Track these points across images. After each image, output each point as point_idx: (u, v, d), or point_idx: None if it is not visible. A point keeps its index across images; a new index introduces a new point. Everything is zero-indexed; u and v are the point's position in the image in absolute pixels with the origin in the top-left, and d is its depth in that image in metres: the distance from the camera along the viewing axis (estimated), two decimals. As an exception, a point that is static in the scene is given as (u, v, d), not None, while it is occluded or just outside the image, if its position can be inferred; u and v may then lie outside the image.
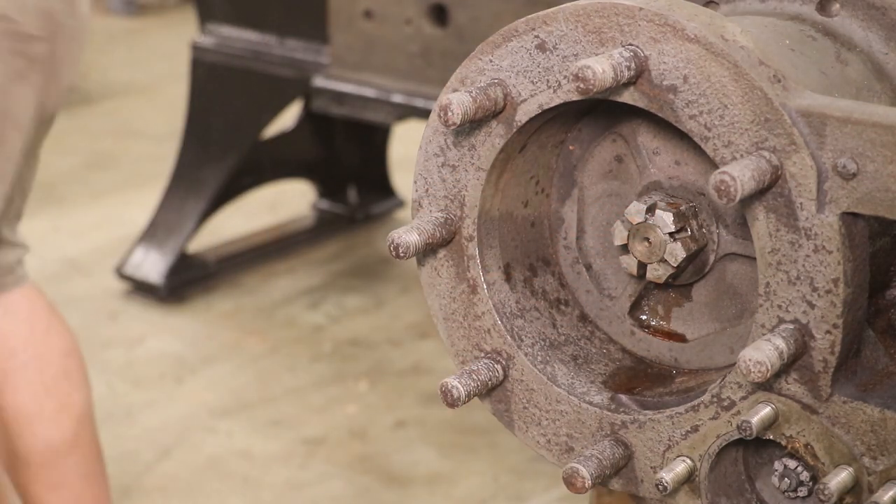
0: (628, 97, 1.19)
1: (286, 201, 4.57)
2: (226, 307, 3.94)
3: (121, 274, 3.99)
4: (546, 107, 1.23)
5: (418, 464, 3.18)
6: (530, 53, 1.22)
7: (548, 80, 1.22)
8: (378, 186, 4.53)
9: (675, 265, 1.27)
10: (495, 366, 1.30)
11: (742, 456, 1.27)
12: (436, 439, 3.27)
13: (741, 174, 1.10)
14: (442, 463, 3.18)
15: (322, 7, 3.62)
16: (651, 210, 1.26)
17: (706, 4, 1.37)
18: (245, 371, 3.60)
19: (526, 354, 1.30)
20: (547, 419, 1.32)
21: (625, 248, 1.27)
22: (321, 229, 4.42)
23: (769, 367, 1.14)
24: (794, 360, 1.18)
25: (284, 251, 4.28)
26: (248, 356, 3.68)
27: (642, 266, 1.29)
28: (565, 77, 1.21)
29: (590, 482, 1.26)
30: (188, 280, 4.01)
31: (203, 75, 4.01)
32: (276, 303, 3.97)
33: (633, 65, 1.17)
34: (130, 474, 3.15)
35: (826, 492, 1.17)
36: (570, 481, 1.26)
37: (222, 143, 4.04)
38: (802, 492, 1.23)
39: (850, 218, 1.13)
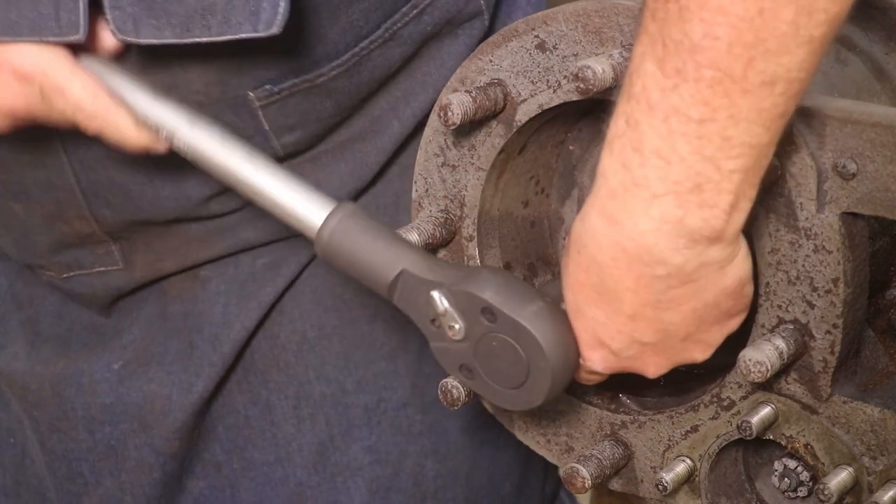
0: (628, 97, 1.19)
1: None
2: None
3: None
4: (546, 107, 1.23)
5: (418, 464, 3.18)
6: (530, 53, 1.22)
7: (548, 80, 1.22)
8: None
9: (675, 265, 1.27)
10: (495, 366, 1.30)
11: (742, 456, 1.27)
12: (436, 439, 3.26)
13: (741, 174, 1.10)
14: (442, 463, 3.18)
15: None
16: (651, 210, 1.25)
17: (706, 4, 1.37)
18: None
19: (526, 354, 1.30)
20: (547, 419, 1.32)
21: (625, 248, 1.27)
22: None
23: (769, 367, 1.14)
24: (794, 360, 1.18)
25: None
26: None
27: (642, 266, 1.29)
28: (565, 77, 1.21)
29: (590, 482, 1.26)
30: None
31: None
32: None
33: (633, 65, 1.17)
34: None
35: (826, 492, 1.17)
36: (569, 481, 1.26)
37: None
38: (802, 492, 1.24)
39: (850, 218, 1.13)
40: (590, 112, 1.30)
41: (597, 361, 1.17)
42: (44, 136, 1.37)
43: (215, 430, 1.50)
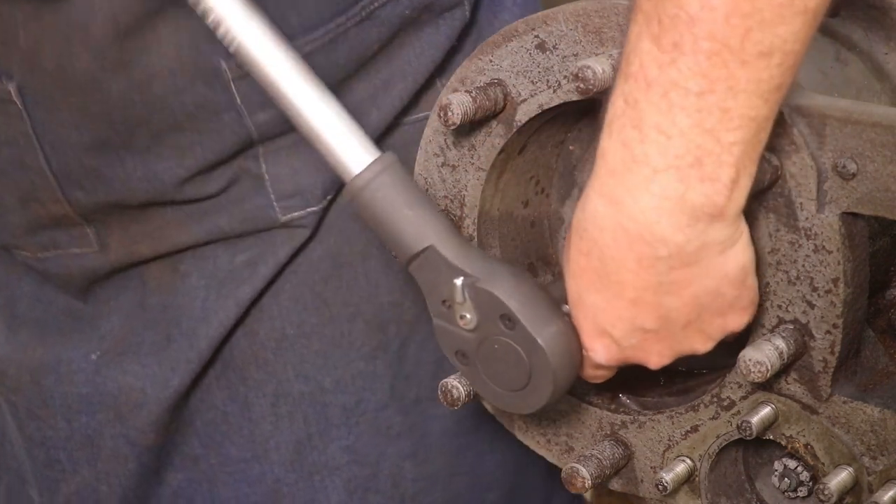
0: (628, 97, 1.19)
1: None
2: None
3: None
4: (546, 107, 1.23)
5: (418, 464, 3.17)
6: (530, 53, 1.22)
7: (548, 80, 1.22)
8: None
9: (675, 265, 1.27)
10: (495, 366, 1.30)
11: (742, 456, 1.27)
12: (436, 439, 3.25)
13: (741, 174, 1.10)
14: (442, 463, 3.17)
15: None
16: (651, 210, 1.25)
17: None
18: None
19: (526, 354, 1.30)
20: (547, 419, 1.32)
21: (625, 248, 1.27)
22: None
23: (769, 367, 1.14)
24: (794, 360, 1.18)
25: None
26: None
27: (642, 266, 1.29)
28: (565, 77, 1.21)
29: (590, 482, 1.26)
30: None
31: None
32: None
33: (633, 65, 1.17)
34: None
35: (826, 492, 1.17)
36: (569, 481, 1.26)
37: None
38: (802, 492, 1.24)
39: (850, 218, 1.13)
40: (590, 112, 1.30)
41: (599, 352, 1.18)
42: (15, 115, 1.36)
43: (193, 423, 1.50)
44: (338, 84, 1.39)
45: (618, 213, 1.09)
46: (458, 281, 1.17)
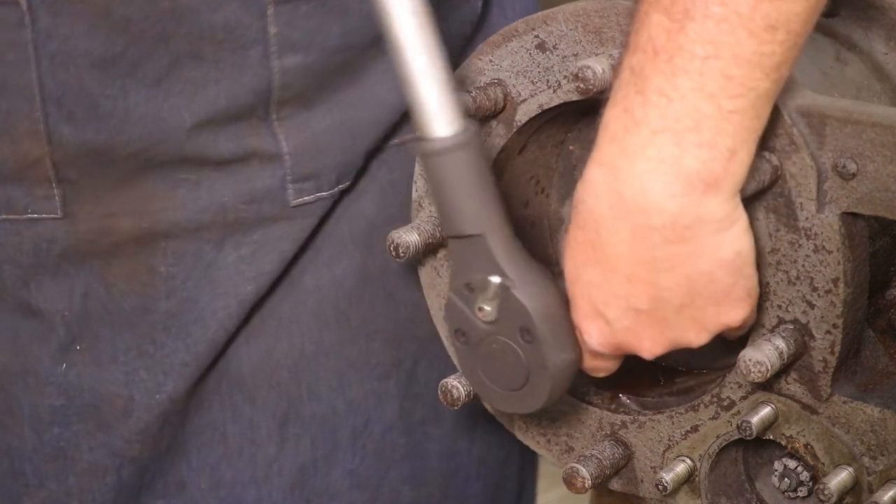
0: (628, 97, 1.19)
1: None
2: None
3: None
4: (546, 107, 1.23)
5: (418, 464, 3.16)
6: (530, 53, 1.22)
7: (548, 80, 1.22)
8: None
9: (675, 265, 1.27)
10: (495, 366, 1.30)
11: (742, 456, 1.27)
12: (436, 439, 3.25)
13: (741, 174, 1.10)
14: (442, 463, 3.17)
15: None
16: (651, 210, 1.25)
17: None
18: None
19: (526, 354, 1.30)
20: (547, 419, 1.32)
21: (625, 248, 1.27)
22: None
23: (769, 368, 1.14)
24: (794, 360, 1.18)
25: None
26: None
27: (642, 266, 1.28)
28: (565, 77, 1.21)
29: (590, 482, 1.26)
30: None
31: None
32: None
33: (633, 65, 1.17)
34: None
35: (826, 492, 1.17)
36: (570, 481, 1.26)
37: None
38: (802, 492, 1.24)
39: (850, 218, 1.13)
40: (590, 112, 1.30)
41: (594, 334, 1.18)
42: (13, 20, 1.25)
43: (185, 446, 1.44)
44: (356, 59, 1.34)
45: (615, 179, 1.10)
46: (496, 279, 1.17)
